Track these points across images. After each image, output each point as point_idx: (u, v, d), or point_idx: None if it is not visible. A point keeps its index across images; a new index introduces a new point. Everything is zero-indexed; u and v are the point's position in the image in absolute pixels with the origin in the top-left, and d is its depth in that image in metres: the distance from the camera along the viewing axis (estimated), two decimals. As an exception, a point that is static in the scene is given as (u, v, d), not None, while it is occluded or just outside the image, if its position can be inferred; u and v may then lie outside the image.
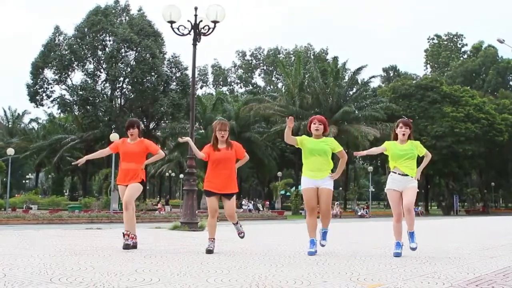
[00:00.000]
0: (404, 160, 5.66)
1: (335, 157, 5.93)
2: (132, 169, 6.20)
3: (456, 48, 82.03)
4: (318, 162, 5.73)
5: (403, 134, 5.74)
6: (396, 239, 5.80)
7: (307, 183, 5.79)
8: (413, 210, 5.72)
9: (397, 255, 5.66)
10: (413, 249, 5.77)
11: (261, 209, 41.81)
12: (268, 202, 50.12)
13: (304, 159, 5.85)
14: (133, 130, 6.27)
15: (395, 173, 5.73)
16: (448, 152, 49.98)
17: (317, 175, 5.73)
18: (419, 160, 5.89)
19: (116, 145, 6.52)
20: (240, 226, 6.26)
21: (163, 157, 6.65)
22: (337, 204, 46.56)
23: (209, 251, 5.84)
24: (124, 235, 6.18)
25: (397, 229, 5.80)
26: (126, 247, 5.97)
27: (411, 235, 5.75)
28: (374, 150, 6.15)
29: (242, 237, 6.31)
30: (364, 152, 6.15)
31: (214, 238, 5.96)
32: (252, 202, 44.36)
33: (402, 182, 5.67)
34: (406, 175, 5.65)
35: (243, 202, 44.43)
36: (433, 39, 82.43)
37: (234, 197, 5.99)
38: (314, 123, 5.79)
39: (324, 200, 5.76)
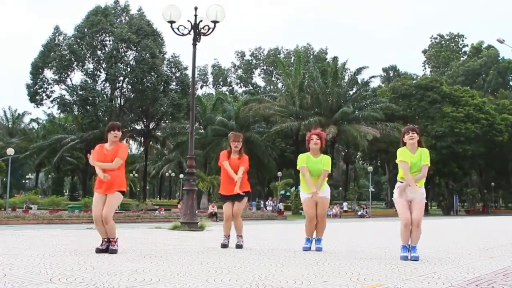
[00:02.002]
0: (413, 172, 5.49)
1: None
2: (112, 176, 5.58)
3: (457, 48, 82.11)
4: (315, 181, 6.18)
5: (412, 139, 5.51)
6: (402, 243, 5.54)
7: (307, 195, 6.23)
8: (421, 226, 5.49)
9: (404, 258, 5.45)
10: (415, 258, 5.44)
11: (281, 209, 41.95)
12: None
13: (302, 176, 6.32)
14: (118, 132, 5.67)
15: (402, 183, 5.55)
16: (448, 152, 49.99)
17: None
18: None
19: (97, 156, 5.72)
20: (242, 240, 6.58)
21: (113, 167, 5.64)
22: (345, 204, 46.53)
23: (224, 246, 6.45)
24: (102, 242, 5.69)
25: (405, 234, 5.52)
26: (113, 251, 5.55)
27: (413, 248, 5.53)
28: (406, 169, 5.48)
29: (237, 248, 6.43)
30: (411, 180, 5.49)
31: (229, 235, 6.55)
32: (275, 202, 44.70)
33: (410, 194, 5.50)
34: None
35: (268, 203, 44.62)
36: (436, 38, 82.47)
37: (245, 199, 6.48)
38: (313, 139, 6.22)
39: (321, 207, 6.33)
